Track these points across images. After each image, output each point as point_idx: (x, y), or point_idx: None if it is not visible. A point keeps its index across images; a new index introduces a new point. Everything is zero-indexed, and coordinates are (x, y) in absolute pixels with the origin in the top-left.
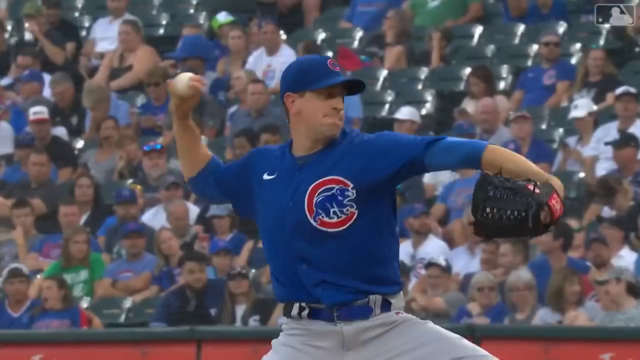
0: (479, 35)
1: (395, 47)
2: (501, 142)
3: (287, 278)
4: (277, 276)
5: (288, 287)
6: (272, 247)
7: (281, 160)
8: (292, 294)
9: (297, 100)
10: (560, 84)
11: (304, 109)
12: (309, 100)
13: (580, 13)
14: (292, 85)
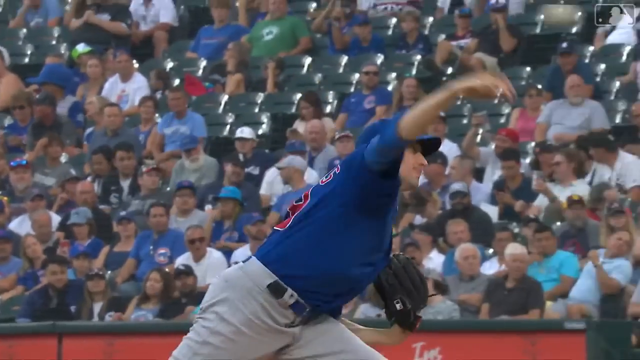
0: (308, 65)
1: (235, 75)
2: (328, 158)
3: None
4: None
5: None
6: (363, 246)
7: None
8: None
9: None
10: (379, 108)
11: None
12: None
13: (395, 47)
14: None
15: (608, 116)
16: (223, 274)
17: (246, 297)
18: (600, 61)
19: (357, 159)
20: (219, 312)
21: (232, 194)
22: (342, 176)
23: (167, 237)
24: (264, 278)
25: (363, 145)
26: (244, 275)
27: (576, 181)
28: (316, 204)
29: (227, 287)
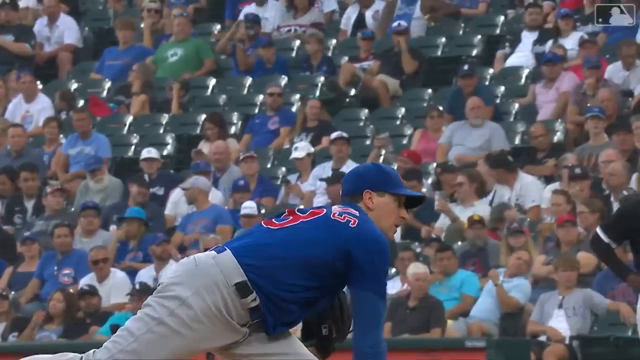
0: (213, 86)
1: (140, 96)
2: (232, 179)
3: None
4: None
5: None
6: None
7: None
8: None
9: (374, 199)
10: (283, 129)
11: (381, 208)
12: (387, 203)
13: (299, 69)
14: (373, 185)
15: (507, 137)
16: (195, 258)
17: (212, 287)
18: (499, 83)
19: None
20: (182, 295)
21: (137, 214)
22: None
23: (71, 258)
24: (234, 275)
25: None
26: (215, 266)
27: (477, 201)
28: (310, 242)
29: (196, 273)
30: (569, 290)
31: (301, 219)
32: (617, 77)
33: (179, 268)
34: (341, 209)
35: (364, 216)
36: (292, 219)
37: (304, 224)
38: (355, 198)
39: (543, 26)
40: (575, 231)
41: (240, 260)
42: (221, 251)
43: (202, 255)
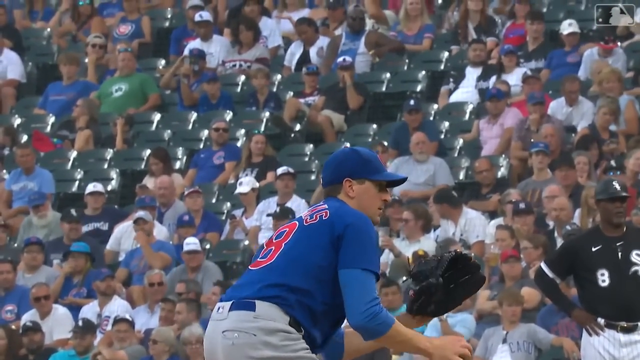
0: (158, 121)
1: (84, 131)
2: (177, 214)
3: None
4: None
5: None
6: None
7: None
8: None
9: (355, 187)
10: (228, 164)
11: (362, 195)
12: (367, 189)
13: (244, 104)
14: (353, 173)
15: (452, 173)
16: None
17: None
18: (444, 119)
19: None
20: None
21: (83, 249)
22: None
23: (13, 294)
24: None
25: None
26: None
27: (423, 237)
28: (305, 255)
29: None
30: (513, 325)
31: (283, 243)
32: (560, 113)
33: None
34: (310, 212)
35: (335, 203)
36: (275, 248)
37: (288, 245)
38: (335, 187)
39: (487, 62)
40: (520, 266)
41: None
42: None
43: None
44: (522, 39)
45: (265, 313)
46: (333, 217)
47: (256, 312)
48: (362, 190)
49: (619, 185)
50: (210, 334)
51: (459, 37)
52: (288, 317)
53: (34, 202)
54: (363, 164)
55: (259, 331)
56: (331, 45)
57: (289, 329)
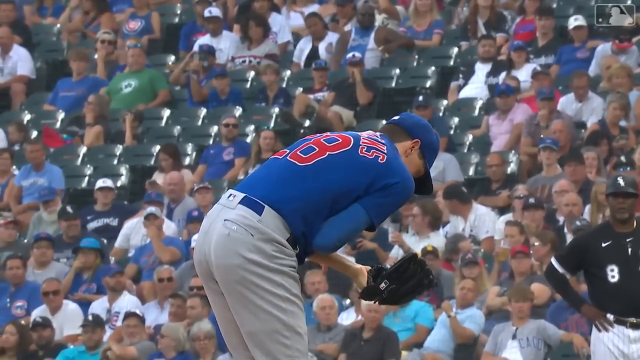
0: (167, 117)
1: (94, 127)
2: (186, 210)
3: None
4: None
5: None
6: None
7: None
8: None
9: (414, 153)
10: (238, 159)
11: (410, 163)
12: (417, 164)
13: (254, 100)
14: (424, 145)
15: (461, 169)
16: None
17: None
18: (453, 115)
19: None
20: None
21: (93, 245)
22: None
23: (23, 290)
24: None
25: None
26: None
27: (432, 233)
28: (339, 179)
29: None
30: (522, 321)
31: (328, 152)
32: (570, 108)
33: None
34: (369, 143)
35: (393, 151)
36: (319, 151)
37: (332, 158)
38: (403, 134)
39: (496, 58)
40: (529, 262)
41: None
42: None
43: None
44: (532, 34)
45: (269, 221)
46: (387, 166)
47: (261, 217)
48: (415, 161)
49: (623, 181)
50: (213, 215)
51: (469, 32)
52: (288, 234)
53: (44, 197)
54: (434, 150)
55: (257, 234)
56: (340, 41)
57: (285, 243)
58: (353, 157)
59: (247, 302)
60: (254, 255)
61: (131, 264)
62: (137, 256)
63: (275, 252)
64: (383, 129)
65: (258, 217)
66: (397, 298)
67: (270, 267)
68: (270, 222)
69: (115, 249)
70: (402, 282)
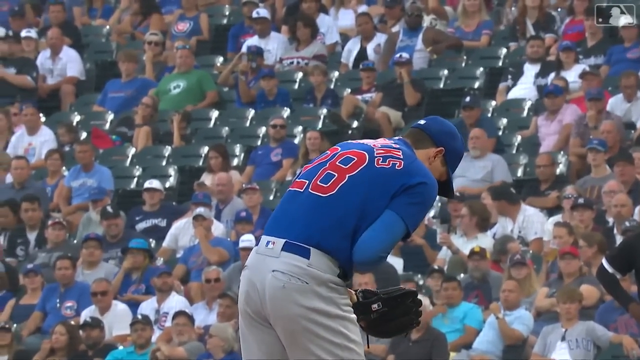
0: (215, 118)
1: (143, 128)
2: (235, 210)
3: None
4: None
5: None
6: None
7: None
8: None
9: (438, 160)
10: (285, 160)
11: (437, 166)
12: (440, 172)
13: (302, 101)
14: (449, 152)
15: (510, 169)
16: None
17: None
18: (502, 115)
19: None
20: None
21: (142, 245)
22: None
23: (73, 290)
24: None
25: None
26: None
27: (480, 234)
28: (364, 201)
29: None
30: (571, 323)
31: (347, 174)
32: (619, 109)
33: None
34: (384, 152)
35: (408, 152)
36: (338, 176)
37: (352, 180)
38: (426, 140)
39: (545, 59)
40: (577, 263)
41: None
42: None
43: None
44: (581, 35)
45: (318, 263)
46: (406, 170)
47: (310, 261)
48: (438, 168)
49: None
50: (256, 266)
51: (517, 33)
52: (338, 269)
53: (94, 196)
54: (457, 157)
55: (312, 280)
56: (388, 42)
57: (338, 280)
58: (372, 172)
59: (308, 352)
60: (314, 302)
61: (179, 265)
62: (185, 257)
63: (332, 294)
64: (408, 134)
65: (307, 262)
66: (383, 326)
67: (330, 313)
68: (320, 263)
69: (163, 248)
70: (394, 313)
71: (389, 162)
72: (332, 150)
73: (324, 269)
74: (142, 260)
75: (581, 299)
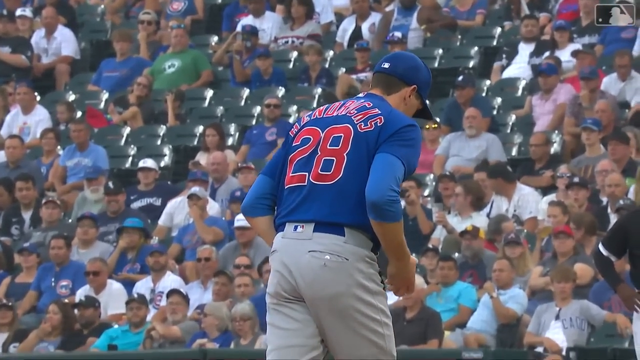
0: (210, 97)
1: (131, 108)
2: (230, 190)
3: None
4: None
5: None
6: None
7: None
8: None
9: (412, 98)
10: (280, 140)
11: (410, 109)
12: (414, 106)
13: (296, 80)
14: (420, 86)
15: (504, 149)
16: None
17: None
18: (496, 95)
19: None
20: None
21: (137, 224)
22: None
23: (68, 269)
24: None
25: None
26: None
27: (475, 213)
28: (366, 170)
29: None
30: (565, 302)
31: (344, 153)
32: (614, 88)
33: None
34: (362, 115)
35: (383, 105)
36: (337, 159)
37: (350, 156)
38: (396, 84)
39: (540, 38)
40: (571, 242)
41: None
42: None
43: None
44: (576, 14)
45: (354, 239)
46: (387, 122)
47: (345, 238)
48: (412, 104)
49: None
50: (288, 249)
51: (512, 12)
52: (371, 243)
53: (89, 175)
54: (427, 85)
55: (352, 256)
56: (383, 21)
57: (372, 255)
58: (361, 138)
59: (350, 330)
60: (356, 278)
61: (174, 244)
62: (180, 236)
63: (370, 270)
64: (377, 82)
65: (343, 239)
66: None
67: (371, 290)
68: (355, 239)
69: (159, 227)
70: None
71: (370, 123)
72: (309, 132)
73: (360, 243)
74: (138, 240)
75: (575, 278)
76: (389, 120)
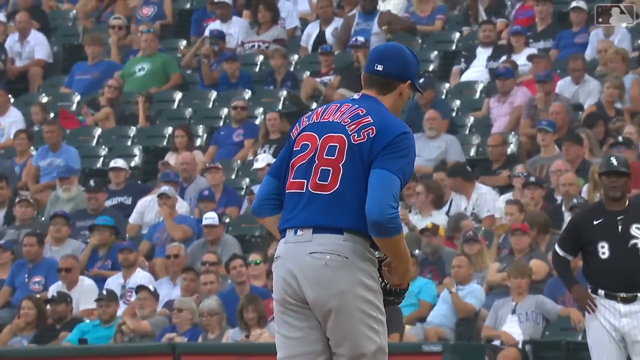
0: (179, 100)
1: (103, 109)
2: (198, 189)
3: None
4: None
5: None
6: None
7: None
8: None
9: (407, 90)
10: (247, 141)
11: (405, 100)
12: (409, 94)
13: (262, 83)
14: (414, 77)
15: (463, 149)
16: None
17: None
18: (455, 97)
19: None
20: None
21: (108, 222)
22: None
23: (41, 266)
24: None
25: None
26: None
27: (435, 211)
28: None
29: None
30: (521, 297)
31: (340, 164)
32: (568, 91)
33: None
34: (355, 125)
35: (378, 112)
36: (334, 170)
37: (346, 166)
38: (392, 84)
39: (497, 43)
40: (527, 239)
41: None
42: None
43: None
44: (531, 20)
45: (353, 238)
46: (379, 132)
47: (345, 236)
48: (407, 95)
49: (616, 160)
50: (289, 253)
51: (470, 18)
52: (370, 241)
53: (62, 174)
54: (417, 71)
55: (352, 254)
56: (344, 25)
57: (372, 250)
58: (355, 150)
59: (350, 327)
60: (357, 276)
61: (145, 241)
62: (150, 233)
63: (370, 267)
64: (370, 83)
65: (342, 237)
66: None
67: (370, 287)
68: (354, 237)
69: (130, 224)
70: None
71: (363, 134)
72: (307, 137)
73: (359, 242)
74: (109, 237)
75: (531, 273)
76: (380, 131)
